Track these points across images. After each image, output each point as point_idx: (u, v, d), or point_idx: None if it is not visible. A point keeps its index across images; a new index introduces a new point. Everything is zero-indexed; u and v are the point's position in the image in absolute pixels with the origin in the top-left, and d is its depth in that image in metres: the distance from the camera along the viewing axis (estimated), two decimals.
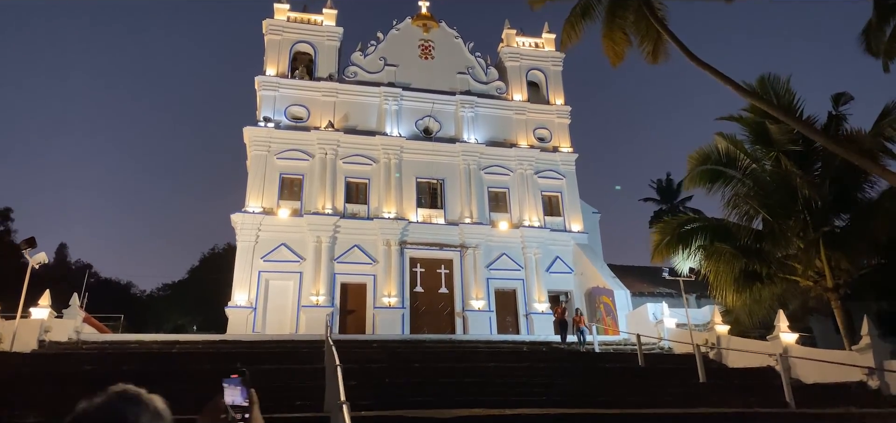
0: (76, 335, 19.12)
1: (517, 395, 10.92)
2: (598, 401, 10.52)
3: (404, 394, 11.06)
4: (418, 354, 17.14)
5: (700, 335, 19.22)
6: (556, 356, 17.46)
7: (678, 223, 17.79)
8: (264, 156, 29.02)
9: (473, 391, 11.50)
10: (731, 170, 17.03)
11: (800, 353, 14.71)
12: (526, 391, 11.30)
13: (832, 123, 16.79)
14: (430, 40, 34.73)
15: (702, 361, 13.88)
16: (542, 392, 11.21)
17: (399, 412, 8.95)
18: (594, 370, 14.77)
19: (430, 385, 11.93)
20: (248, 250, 26.83)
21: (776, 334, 15.52)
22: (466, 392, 11.37)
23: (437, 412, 9.37)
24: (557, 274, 30.03)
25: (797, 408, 10.58)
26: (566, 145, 33.59)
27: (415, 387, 11.77)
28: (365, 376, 13.29)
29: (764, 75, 17.13)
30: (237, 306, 25.76)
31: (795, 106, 16.93)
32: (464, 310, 27.92)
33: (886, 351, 12.31)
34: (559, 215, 31.76)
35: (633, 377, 13.98)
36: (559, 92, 35.18)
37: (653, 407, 9.93)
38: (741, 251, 16.17)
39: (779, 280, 16.67)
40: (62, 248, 53.79)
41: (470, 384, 12.18)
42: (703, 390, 12.44)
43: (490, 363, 15.22)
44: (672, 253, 17.81)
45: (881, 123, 15.17)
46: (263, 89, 30.70)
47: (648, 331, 22.60)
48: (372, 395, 11.27)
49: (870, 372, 12.17)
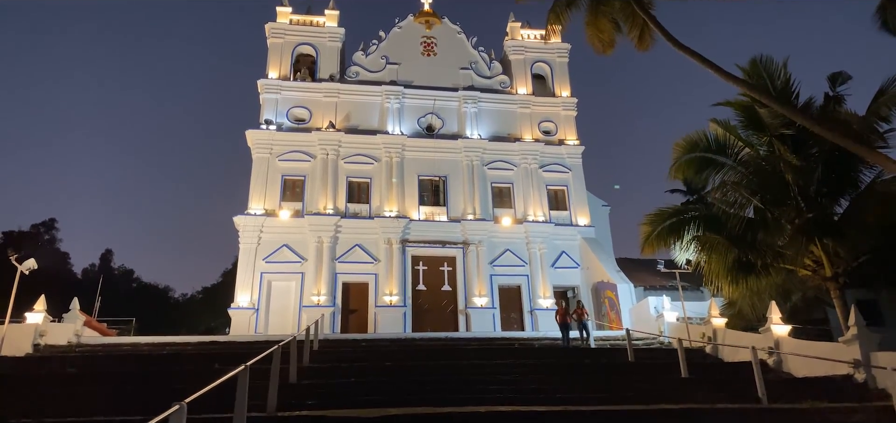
0: (76, 339, 19.52)
1: (467, 392, 10.64)
2: (555, 398, 10.14)
3: (358, 392, 10.89)
4: (400, 352, 16.97)
5: (697, 329, 18.56)
6: (542, 352, 17.04)
7: (669, 213, 17.15)
8: (266, 158, 29.28)
9: (432, 387, 11.27)
10: (721, 157, 16.33)
11: (790, 346, 13.97)
12: (477, 389, 10.98)
13: (830, 104, 15.95)
14: (432, 37, 34.51)
15: (684, 355, 13.32)
16: (497, 390, 10.88)
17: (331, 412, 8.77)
18: (573, 367, 14.34)
19: (386, 384, 11.73)
20: (251, 251, 27.10)
21: (768, 326, 14.79)
22: (424, 390, 11.16)
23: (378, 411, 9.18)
24: (563, 269, 29.45)
25: (769, 403, 10.01)
26: (572, 138, 32.93)
27: (373, 385, 11.57)
28: (339, 374, 13.25)
29: (755, 58, 16.40)
30: (240, 308, 26.04)
31: (792, 89, 16.18)
32: (466, 307, 27.64)
33: (874, 342, 11.55)
34: (565, 210, 31.15)
35: (611, 374, 13.50)
36: (565, 84, 34.52)
37: (608, 404, 9.52)
38: (732, 241, 15.47)
39: (775, 271, 15.91)
40: (107, 254, 55.85)
41: (430, 382, 11.95)
42: (678, 385, 11.92)
43: (462, 361, 14.96)
44: (663, 245, 17.20)
45: (877, 103, 14.31)
46: (266, 92, 30.98)
47: (650, 325, 22.00)
48: (334, 393, 11.20)
49: (856, 365, 11.45)
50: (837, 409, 8.67)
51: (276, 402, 9.12)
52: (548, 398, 10.14)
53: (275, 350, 9.53)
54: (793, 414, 8.98)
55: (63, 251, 52.66)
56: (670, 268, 23.43)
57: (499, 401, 10.25)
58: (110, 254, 55.79)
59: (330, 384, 12.20)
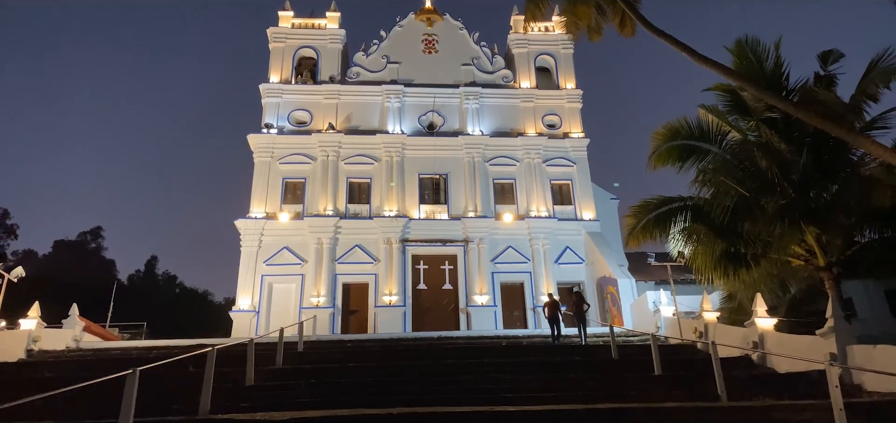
0: (75, 344, 20.01)
1: (431, 393, 10.39)
2: (503, 398, 9.80)
3: (310, 394, 10.75)
4: (382, 352, 16.78)
5: (690, 324, 17.86)
6: (521, 350, 16.59)
7: (655, 204, 16.46)
8: (267, 162, 29.55)
9: (396, 389, 11.06)
10: (706, 144, 15.57)
11: (774, 340, 13.24)
12: (433, 389, 10.70)
13: (821, 84, 15.05)
14: (433, 34, 34.27)
15: (658, 352, 12.76)
16: (453, 390, 10.59)
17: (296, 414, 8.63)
18: (543, 365, 13.89)
19: (347, 385, 11.56)
20: (252, 255, 27.38)
21: (752, 320, 14.06)
22: (391, 391, 10.96)
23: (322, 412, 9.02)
24: (568, 265, 28.84)
25: (728, 401, 9.45)
26: (577, 131, 32.20)
27: (332, 387, 11.40)
28: (316, 375, 13.15)
29: (741, 39, 15.61)
30: (240, 310, 26.34)
31: (783, 70, 15.36)
32: (467, 306, 27.31)
33: (852, 335, 10.80)
34: (570, 204, 30.47)
35: (580, 371, 13.02)
36: (570, 76, 33.79)
37: (555, 404, 9.11)
38: (717, 232, 14.75)
39: (767, 261, 15.11)
40: (152, 260, 57.48)
41: (395, 382, 11.74)
42: (643, 383, 11.39)
43: (446, 361, 14.67)
44: (649, 238, 16.53)
45: (866, 80, 13.41)
46: (267, 96, 31.27)
47: (649, 320, 21.34)
48: (284, 395, 11.10)
49: (832, 359, 10.71)
50: (783, 406, 8.09)
51: (210, 405, 9.04)
52: (493, 397, 9.81)
53: (210, 352, 9.45)
54: (739, 412, 8.43)
55: (109, 259, 54.38)
56: (661, 261, 22.67)
57: (451, 401, 9.97)
58: (155, 260, 57.43)
59: (288, 385, 12.11)
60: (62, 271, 43.25)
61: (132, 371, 6.45)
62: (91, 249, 53.14)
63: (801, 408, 7.77)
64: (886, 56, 12.96)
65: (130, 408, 6.30)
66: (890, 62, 12.81)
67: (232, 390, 11.17)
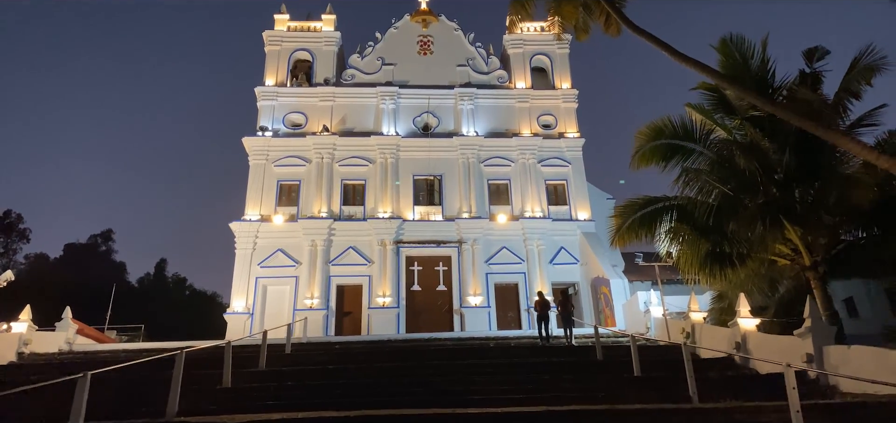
0: (68, 346, 20.16)
1: (381, 395, 10.36)
2: (471, 400, 9.75)
3: (284, 397, 10.76)
4: (368, 354, 16.77)
5: (677, 324, 17.74)
6: (505, 351, 16.53)
7: (640, 204, 16.36)
8: (262, 164, 29.64)
9: (359, 391, 11.04)
10: (690, 143, 15.46)
11: (755, 341, 13.10)
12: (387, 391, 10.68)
13: (806, 82, 14.91)
14: (429, 35, 34.26)
15: (637, 353, 12.66)
16: (425, 392, 10.55)
17: None
18: (526, 366, 13.80)
19: (325, 387, 11.55)
20: (246, 257, 27.47)
21: (735, 320, 13.92)
22: (364, 393, 10.97)
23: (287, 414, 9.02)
24: (562, 265, 28.72)
25: (699, 402, 9.35)
26: (573, 130, 32.07)
27: (326, 389, 11.36)
28: (296, 378, 13.15)
29: (725, 37, 15.50)
30: (235, 313, 26.43)
31: (769, 68, 15.24)
32: (461, 307, 27.26)
33: (830, 336, 10.66)
34: (565, 204, 30.35)
35: (561, 373, 12.91)
36: (566, 75, 33.68)
37: (520, 406, 9.06)
38: (701, 232, 14.64)
39: (753, 261, 14.99)
40: (162, 263, 57.83)
41: (369, 384, 11.72)
42: (618, 384, 11.29)
43: (426, 362, 14.65)
44: (635, 238, 16.44)
45: (848, 77, 13.26)
46: (262, 100, 31.36)
47: (640, 321, 21.22)
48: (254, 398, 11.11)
49: (808, 359, 10.59)
50: (745, 408, 7.98)
51: (177, 407, 9.06)
52: (462, 399, 9.77)
53: (178, 355, 9.48)
54: (701, 414, 8.35)
55: (119, 261, 54.79)
56: (649, 261, 22.54)
57: (417, 403, 9.94)
58: (164, 263, 57.76)
59: (265, 387, 12.13)
60: (72, 274, 43.70)
61: (83, 375, 6.47)
62: (101, 252, 53.63)
63: (761, 410, 7.68)
64: (868, 52, 12.83)
65: (81, 410, 6.32)
66: (871, 59, 12.66)
67: (207, 392, 11.21)
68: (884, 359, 8.87)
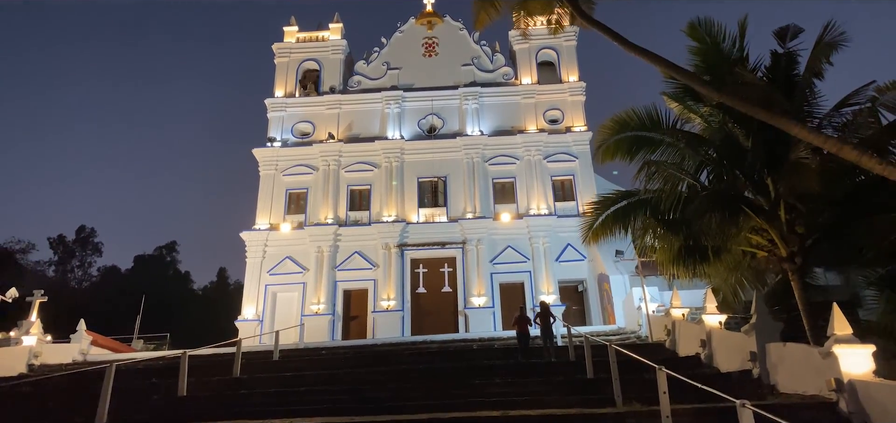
0: (82, 357, 21.36)
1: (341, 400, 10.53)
2: (406, 406, 9.80)
3: (268, 403, 11.03)
4: (353, 359, 17.01)
5: (660, 320, 17.18)
6: (490, 353, 16.45)
7: (613, 199, 15.89)
8: (272, 174, 30.47)
9: (294, 398, 11.25)
10: (657, 134, 14.89)
11: (718, 338, 12.54)
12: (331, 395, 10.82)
13: (780, 62, 14.14)
14: (434, 37, 34.34)
15: (591, 354, 12.36)
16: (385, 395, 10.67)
17: None
18: (485, 369, 13.66)
19: (300, 394, 11.83)
20: (256, 265, 28.32)
21: (700, 317, 13.37)
22: (300, 400, 11.17)
23: None
24: (569, 263, 28.20)
25: (622, 406, 9.06)
26: (580, 124, 31.43)
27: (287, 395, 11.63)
28: (264, 385, 13.53)
29: (693, 21, 14.91)
30: (245, 320, 27.31)
31: (744, 51, 14.56)
32: (465, 308, 27.21)
33: (775, 332, 10.08)
34: (572, 200, 29.81)
35: (516, 376, 12.71)
36: (573, 68, 33.04)
37: (442, 412, 9.03)
38: (668, 226, 14.12)
39: (727, 254, 14.34)
40: (222, 271, 60.80)
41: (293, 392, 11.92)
42: (556, 388, 11.03)
43: (401, 366, 14.76)
44: (609, 234, 15.99)
45: (812, 58, 12.49)
46: (272, 111, 32.25)
47: (635, 317, 20.66)
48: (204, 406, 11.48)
49: (751, 357, 10.06)
50: (641, 412, 7.68)
51: (107, 416, 9.50)
52: (397, 406, 9.85)
53: (108, 367, 9.94)
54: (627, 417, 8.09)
55: (184, 271, 57.72)
56: (619, 258, 21.82)
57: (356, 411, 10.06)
58: (225, 271, 60.46)
59: (223, 394, 12.49)
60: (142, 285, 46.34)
61: None
62: (167, 262, 56.65)
63: (656, 414, 7.38)
64: (829, 30, 12.07)
65: None
66: (831, 36, 11.92)
67: (157, 401, 11.67)
68: (810, 358, 8.34)
